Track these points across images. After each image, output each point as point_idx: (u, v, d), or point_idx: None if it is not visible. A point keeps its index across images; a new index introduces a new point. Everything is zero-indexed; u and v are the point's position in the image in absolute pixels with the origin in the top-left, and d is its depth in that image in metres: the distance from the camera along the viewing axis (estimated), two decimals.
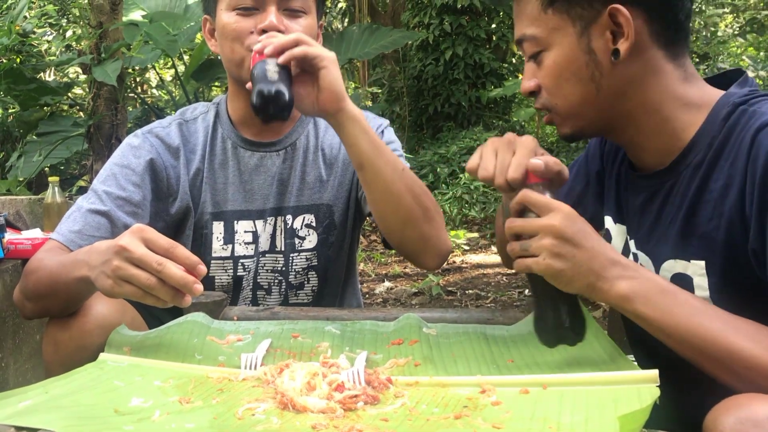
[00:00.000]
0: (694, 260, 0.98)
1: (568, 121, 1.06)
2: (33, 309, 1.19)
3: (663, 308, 0.89)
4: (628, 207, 1.14)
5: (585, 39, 0.99)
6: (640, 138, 1.04)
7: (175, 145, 1.43)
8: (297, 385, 0.92)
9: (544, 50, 1.02)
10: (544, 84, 1.04)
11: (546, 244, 0.91)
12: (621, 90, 1.01)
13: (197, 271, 0.98)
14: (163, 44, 4.46)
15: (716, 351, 0.85)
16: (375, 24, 6.55)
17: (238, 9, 1.33)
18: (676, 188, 1.02)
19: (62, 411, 0.86)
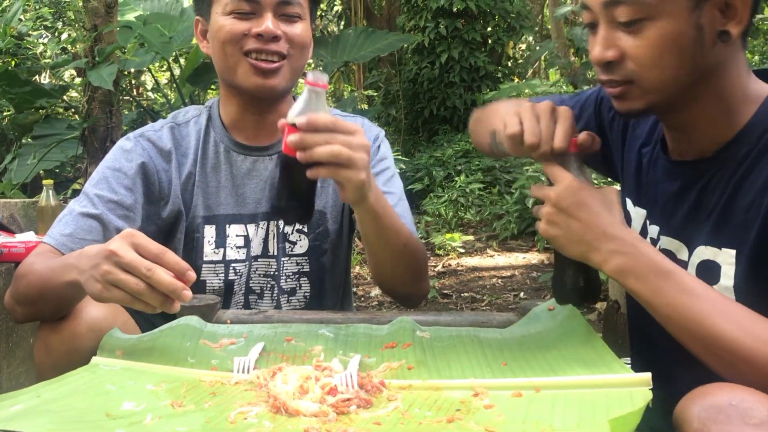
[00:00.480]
0: (726, 248, 0.99)
1: (647, 97, 0.99)
2: (24, 313, 1.19)
3: (653, 286, 0.93)
4: (655, 193, 1.13)
5: (696, 14, 0.93)
6: (698, 124, 1.02)
7: (167, 149, 1.42)
8: (290, 388, 0.91)
9: (647, 18, 0.93)
10: (639, 54, 0.95)
11: (544, 212, 1.01)
12: (708, 73, 0.97)
13: (186, 277, 0.98)
14: (158, 47, 4.45)
15: (700, 332, 0.88)
16: (371, 27, 6.56)
17: (234, 13, 1.33)
18: (717, 178, 1.01)
19: (54, 415, 0.86)
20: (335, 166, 1.08)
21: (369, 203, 1.18)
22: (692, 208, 1.05)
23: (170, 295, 0.97)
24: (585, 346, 1.02)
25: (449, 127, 8.32)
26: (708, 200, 1.03)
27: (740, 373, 0.84)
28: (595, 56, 0.99)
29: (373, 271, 1.37)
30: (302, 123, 1.06)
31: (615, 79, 0.99)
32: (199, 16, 1.43)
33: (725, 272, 0.98)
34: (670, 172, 1.09)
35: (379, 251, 1.30)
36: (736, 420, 0.73)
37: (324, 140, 1.06)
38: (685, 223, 1.06)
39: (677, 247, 1.07)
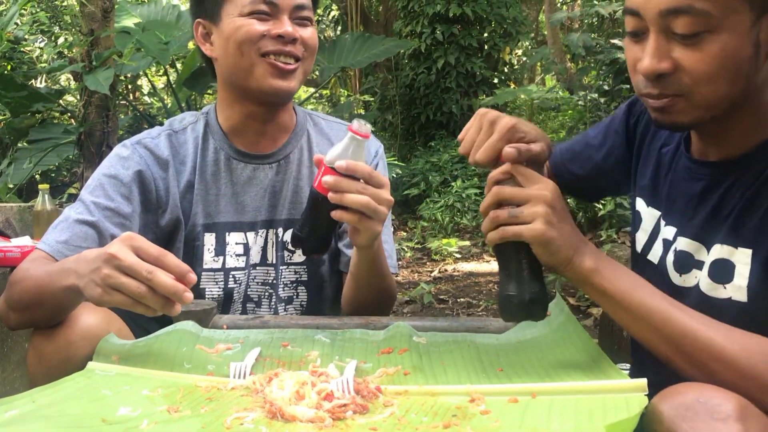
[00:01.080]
0: (742, 248, 0.99)
1: (695, 112, 0.95)
2: (18, 319, 1.18)
3: (626, 287, 0.95)
4: (675, 193, 1.12)
5: (756, 29, 0.90)
6: (734, 128, 1.00)
7: (165, 157, 1.41)
8: (286, 394, 0.91)
9: (708, 31, 0.89)
10: (697, 68, 0.91)
11: (540, 212, 0.95)
12: (756, 88, 0.95)
13: (187, 279, 0.98)
14: (154, 52, 4.45)
15: (672, 331, 0.90)
16: (367, 33, 6.56)
17: (252, 14, 1.33)
18: (741, 180, 1.00)
19: (49, 420, 0.86)
20: (360, 215, 1.14)
21: (372, 250, 1.26)
22: (714, 209, 1.04)
23: (171, 298, 0.97)
24: (581, 352, 1.02)
25: (445, 132, 8.32)
26: (728, 203, 1.02)
27: (711, 371, 0.86)
28: (647, 67, 0.93)
29: (347, 297, 1.42)
30: (342, 167, 1.12)
31: (664, 93, 0.95)
32: (201, 19, 1.41)
33: (739, 272, 0.98)
34: (694, 173, 1.08)
35: (362, 287, 1.37)
36: (704, 416, 0.75)
37: (356, 189, 1.12)
38: (705, 225, 1.05)
39: (696, 249, 1.06)
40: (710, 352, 0.87)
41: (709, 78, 0.91)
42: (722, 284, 1.01)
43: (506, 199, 0.98)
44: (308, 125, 1.52)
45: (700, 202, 1.06)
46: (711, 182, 1.05)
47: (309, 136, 1.51)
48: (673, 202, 1.12)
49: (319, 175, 1.15)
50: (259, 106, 1.40)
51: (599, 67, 6.03)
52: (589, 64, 6.66)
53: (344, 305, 1.44)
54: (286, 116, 1.47)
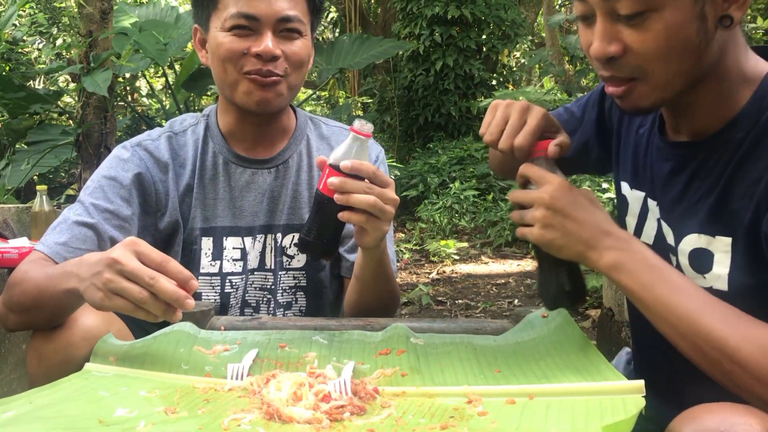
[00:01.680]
0: (720, 236, 0.98)
1: (654, 93, 0.96)
2: (17, 321, 1.17)
3: (646, 282, 0.93)
4: (651, 174, 1.11)
5: (699, 3, 0.89)
6: (696, 105, 0.99)
7: (164, 159, 1.40)
8: (283, 395, 0.91)
9: (651, 10, 0.89)
10: (642, 50, 0.91)
11: (538, 216, 0.99)
12: (713, 60, 0.94)
13: (189, 285, 0.98)
14: (152, 53, 4.46)
15: (689, 330, 0.88)
16: (366, 34, 6.57)
17: (233, 29, 1.31)
18: (710, 162, 0.99)
19: (46, 422, 0.85)
20: (367, 215, 1.13)
21: (379, 250, 1.25)
22: (681, 192, 1.04)
23: (173, 304, 0.96)
24: (578, 354, 1.02)
25: (444, 134, 8.33)
26: (698, 186, 1.01)
27: (726, 372, 0.84)
28: (596, 51, 0.94)
29: (352, 300, 1.39)
30: (347, 166, 1.11)
31: (618, 76, 0.95)
32: (198, 25, 1.41)
33: (718, 260, 0.98)
34: (664, 153, 1.08)
35: (367, 290, 1.35)
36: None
37: (362, 189, 1.11)
38: (672, 208, 1.06)
39: (666, 231, 1.07)
40: (725, 351, 0.85)
41: (658, 56, 0.91)
42: (702, 274, 1.00)
43: (517, 203, 1.04)
44: (308, 129, 1.51)
45: (668, 182, 1.06)
46: (677, 164, 1.04)
47: (308, 140, 1.50)
48: (652, 182, 1.11)
49: (323, 178, 1.13)
50: (250, 113, 1.39)
51: None
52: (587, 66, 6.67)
53: (347, 310, 1.43)
54: (285, 120, 1.47)
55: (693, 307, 0.89)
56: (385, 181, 1.14)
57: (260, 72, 1.31)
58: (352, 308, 1.40)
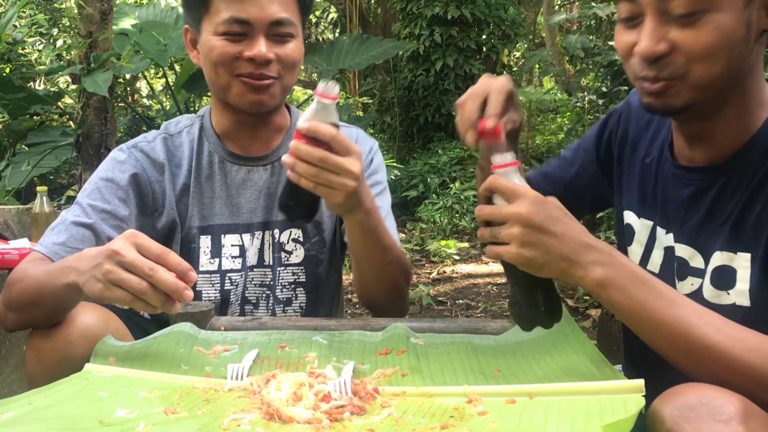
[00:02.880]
0: (741, 252, 0.99)
1: (691, 93, 0.95)
2: (15, 320, 1.18)
3: (638, 297, 0.90)
4: (665, 200, 1.11)
5: (748, 11, 0.92)
6: (719, 126, 1.00)
7: (160, 160, 1.42)
8: (283, 395, 0.91)
9: (704, 11, 0.90)
10: (693, 49, 0.92)
11: (515, 233, 0.92)
12: (743, 74, 0.96)
13: (188, 277, 0.99)
14: (153, 53, 4.45)
15: (686, 343, 0.87)
16: (366, 34, 6.56)
17: (225, 34, 1.31)
18: (732, 183, 1.00)
19: (45, 422, 0.85)
20: (315, 183, 1.11)
21: (356, 218, 1.21)
22: (707, 214, 1.04)
23: (172, 295, 0.97)
24: (579, 353, 1.02)
25: (444, 134, 8.32)
26: (723, 207, 1.02)
27: (727, 381, 0.83)
28: (644, 49, 0.94)
29: (355, 279, 1.37)
30: (303, 128, 1.08)
31: (660, 76, 0.95)
32: (189, 26, 1.41)
33: (741, 277, 0.99)
34: (681, 179, 1.08)
35: (363, 262, 1.32)
36: (707, 417, 0.74)
37: (317, 155, 1.08)
38: (699, 230, 1.05)
39: (690, 255, 1.06)
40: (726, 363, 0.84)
41: (705, 56, 0.92)
42: (725, 290, 1.00)
43: (486, 219, 0.96)
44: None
45: (690, 207, 1.06)
46: (700, 187, 1.05)
47: None
48: (666, 210, 1.12)
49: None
50: (244, 114, 1.40)
51: (597, 69, 6.04)
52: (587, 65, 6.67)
53: (357, 290, 1.40)
54: (279, 118, 1.47)
55: (690, 320, 0.87)
56: (346, 147, 1.10)
57: (253, 75, 1.31)
58: (356, 285, 1.38)
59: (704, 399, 0.76)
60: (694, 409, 0.75)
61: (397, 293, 1.37)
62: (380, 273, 1.32)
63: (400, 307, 1.41)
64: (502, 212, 0.94)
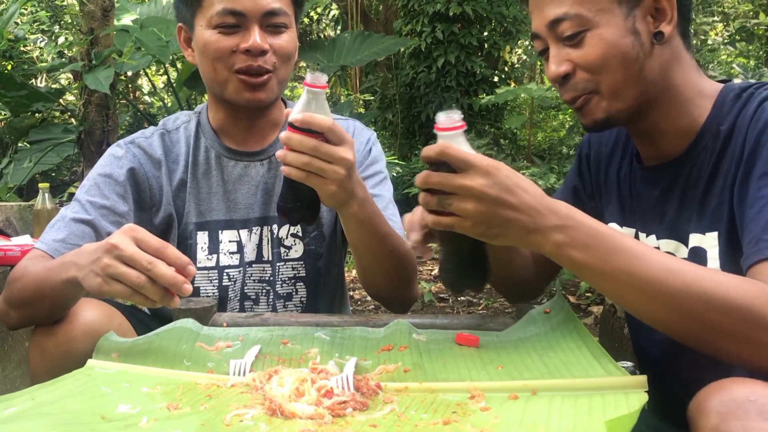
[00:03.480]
0: (709, 232, 1.03)
1: (608, 103, 1.05)
2: (17, 317, 1.18)
3: (601, 254, 0.89)
4: (640, 206, 1.16)
5: (630, 20, 1.03)
6: (662, 123, 1.08)
7: (157, 156, 1.42)
8: (285, 391, 0.91)
9: (587, 30, 1.03)
10: (587, 63, 1.04)
11: (469, 209, 0.90)
12: (657, 73, 1.04)
13: (187, 271, 0.99)
14: (154, 50, 4.45)
15: (661, 292, 0.86)
16: (367, 31, 6.55)
17: (219, 27, 1.31)
18: (695, 171, 1.06)
19: (48, 418, 0.85)
20: (307, 173, 1.08)
21: (349, 210, 1.18)
22: (680, 205, 1.08)
23: (171, 289, 0.97)
24: (581, 349, 1.02)
25: None
26: (692, 195, 1.07)
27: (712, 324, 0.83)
28: (551, 74, 1.06)
29: (359, 273, 1.34)
30: (297, 120, 1.06)
31: (576, 95, 1.07)
32: (182, 24, 1.41)
33: (711, 255, 1.02)
34: (650, 179, 1.13)
35: (363, 254, 1.28)
36: (755, 415, 0.73)
37: (310, 145, 1.05)
38: (677, 222, 1.09)
39: (675, 247, 1.09)
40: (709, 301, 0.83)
41: (600, 67, 1.03)
42: None
43: (435, 187, 0.92)
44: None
45: (664, 202, 1.11)
46: (668, 182, 1.10)
47: None
48: (644, 213, 1.15)
49: None
50: (240, 109, 1.40)
51: None
52: None
53: (360, 282, 1.38)
54: (275, 113, 1.47)
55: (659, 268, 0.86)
56: (340, 137, 1.08)
57: (251, 69, 1.31)
58: (360, 278, 1.36)
59: (752, 396, 0.74)
60: (742, 406, 0.74)
61: (402, 282, 1.33)
62: (382, 263, 1.28)
63: (408, 295, 1.36)
64: (455, 183, 0.90)
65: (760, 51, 9.34)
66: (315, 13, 11.71)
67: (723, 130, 1.03)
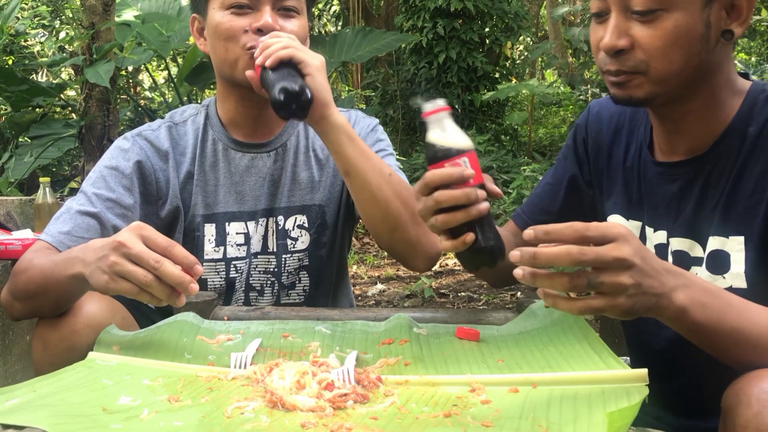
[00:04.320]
0: (733, 236, 1.00)
1: (650, 87, 1.00)
2: (22, 310, 1.18)
3: (716, 313, 0.85)
4: (653, 198, 1.13)
5: (707, 11, 0.97)
6: (693, 117, 1.04)
7: (164, 149, 1.42)
8: (286, 383, 0.91)
9: (663, 9, 0.96)
10: (651, 45, 0.97)
11: (626, 282, 0.80)
12: (708, 71, 1.01)
13: (194, 270, 0.99)
14: (155, 45, 4.45)
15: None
16: (368, 27, 6.55)
17: (232, 7, 1.32)
18: (717, 171, 1.03)
19: (50, 409, 0.86)
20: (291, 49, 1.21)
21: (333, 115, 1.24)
22: (697, 204, 1.06)
23: (177, 288, 0.97)
24: (582, 342, 1.02)
25: None
26: (711, 195, 1.04)
27: None
28: (606, 44, 0.99)
29: (365, 220, 1.31)
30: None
31: (622, 70, 1.00)
32: (196, 14, 1.42)
33: (735, 259, 1.00)
34: (666, 176, 1.10)
35: (365, 185, 1.25)
36: None
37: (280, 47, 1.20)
38: (694, 220, 1.06)
39: (689, 246, 1.07)
40: None
41: (662, 53, 0.97)
42: (720, 275, 1.02)
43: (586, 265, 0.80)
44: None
45: (681, 200, 1.08)
46: (687, 180, 1.07)
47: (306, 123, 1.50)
48: (655, 208, 1.13)
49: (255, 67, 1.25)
50: (250, 95, 1.37)
51: None
52: (590, 58, 6.64)
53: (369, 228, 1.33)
54: None
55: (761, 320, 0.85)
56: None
57: None
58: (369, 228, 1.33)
59: None
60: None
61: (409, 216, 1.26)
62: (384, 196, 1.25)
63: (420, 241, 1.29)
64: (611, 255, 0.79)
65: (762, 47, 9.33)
66: (316, 9, 11.70)
67: (751, 132, 1.00)
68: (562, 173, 1.31)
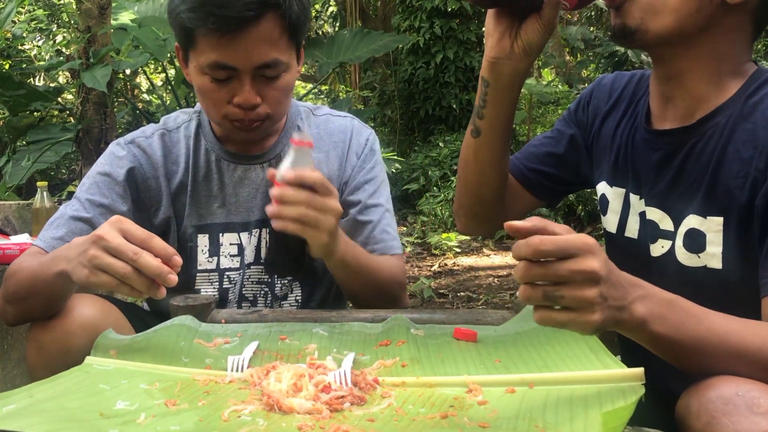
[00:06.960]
0: (711, 216, 1.01)
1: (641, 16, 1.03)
2: (14, 313, 1.19)
3: (675, 324, 0.83)
4: (636, 165, 1.14)
5: None
6: (688, 78, 1.06)
7: (157, 157, 1.41)
8: (283, 386, 0.91)
9: None
10: None
11: (591, 296, 0.76)
12: (709, 24, 1.02)
13: (173, 261, 0.99)
14: (152, 48, 4.45)
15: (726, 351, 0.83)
16: (366, 28, 6.55)
17: (213, 80, 1.26)
18: (699, 147, 1.04)
19: (46, 414, 0.86)
20: (302, 225, 1.13)
21: (335, 258, 1.25)
22: (674, 177, 1.07)
23: (156, 279, 0.97)
24: (578, 343, 1.02)
25: (445, 127, 8.32)
26: (690, 170, 1.05)
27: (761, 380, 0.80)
28: None
29: (345, 293, 1.42)
30: (289, 178, 1.12)
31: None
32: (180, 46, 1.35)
33: (710, 240, 1.01)
34: (651, 143, 1.12)
35: (349, 287, 1.37)
36: (744, 410, 0.73)
37: (302, 198, 1.12)
38: (668, 193, 1.08)
39: (660, 217, 1.09)
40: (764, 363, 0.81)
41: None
42: (696, 254, 1.03)
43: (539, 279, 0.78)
44: (298, 120, 1.49)
45: (660, 170, 1.09)
46: (668, 151, 1.08)
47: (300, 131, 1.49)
48: (636, 174, 1.14)
49: None
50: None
51: (598, 60, 6.03)
52: (587, 57, 6.65)
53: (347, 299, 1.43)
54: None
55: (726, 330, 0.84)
56: (327, 189, 1.14)
57: (243, 122, 1.30)
58: (346, 296, 1.42)
59: (740, 391, 0.74)
60: (731, 402, 0.74)
61: (388, 300, 1.37)
62: (367, 290, 1.35)
63: (397, 307, 1.40)
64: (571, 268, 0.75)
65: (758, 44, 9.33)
66: (313, 10, 11.71)
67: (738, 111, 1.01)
68: (561, 132, 1.33)
